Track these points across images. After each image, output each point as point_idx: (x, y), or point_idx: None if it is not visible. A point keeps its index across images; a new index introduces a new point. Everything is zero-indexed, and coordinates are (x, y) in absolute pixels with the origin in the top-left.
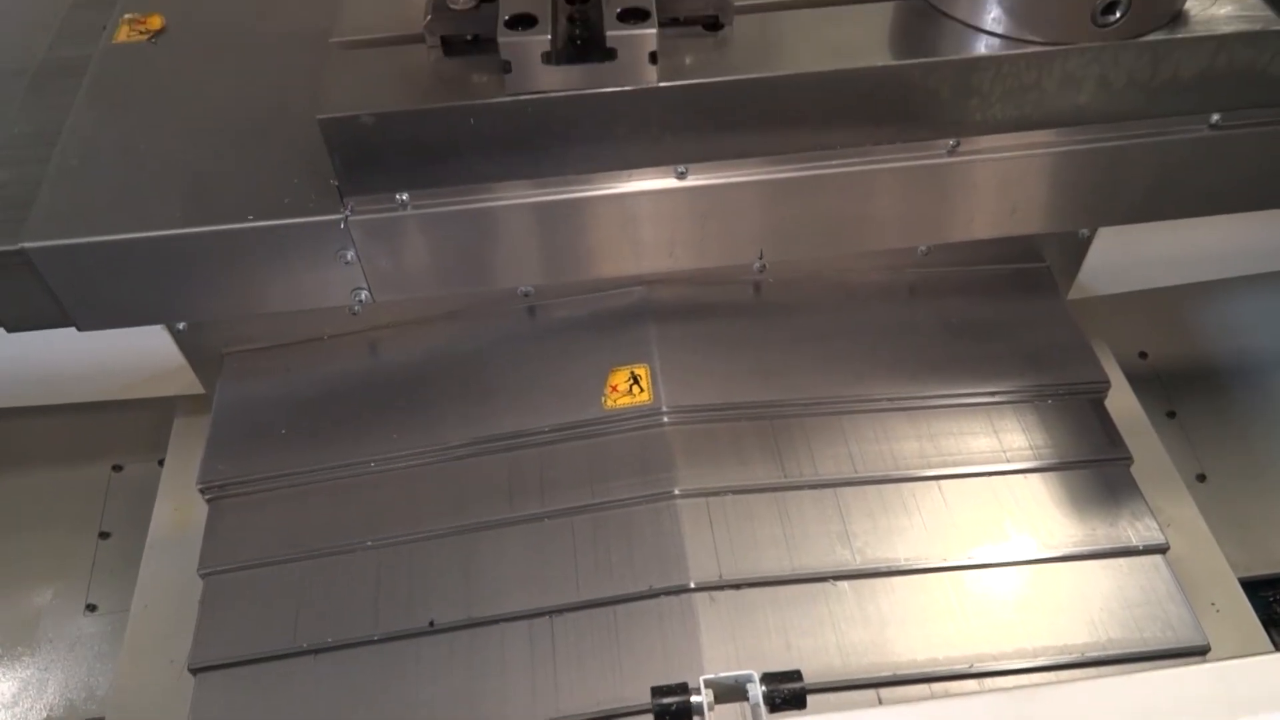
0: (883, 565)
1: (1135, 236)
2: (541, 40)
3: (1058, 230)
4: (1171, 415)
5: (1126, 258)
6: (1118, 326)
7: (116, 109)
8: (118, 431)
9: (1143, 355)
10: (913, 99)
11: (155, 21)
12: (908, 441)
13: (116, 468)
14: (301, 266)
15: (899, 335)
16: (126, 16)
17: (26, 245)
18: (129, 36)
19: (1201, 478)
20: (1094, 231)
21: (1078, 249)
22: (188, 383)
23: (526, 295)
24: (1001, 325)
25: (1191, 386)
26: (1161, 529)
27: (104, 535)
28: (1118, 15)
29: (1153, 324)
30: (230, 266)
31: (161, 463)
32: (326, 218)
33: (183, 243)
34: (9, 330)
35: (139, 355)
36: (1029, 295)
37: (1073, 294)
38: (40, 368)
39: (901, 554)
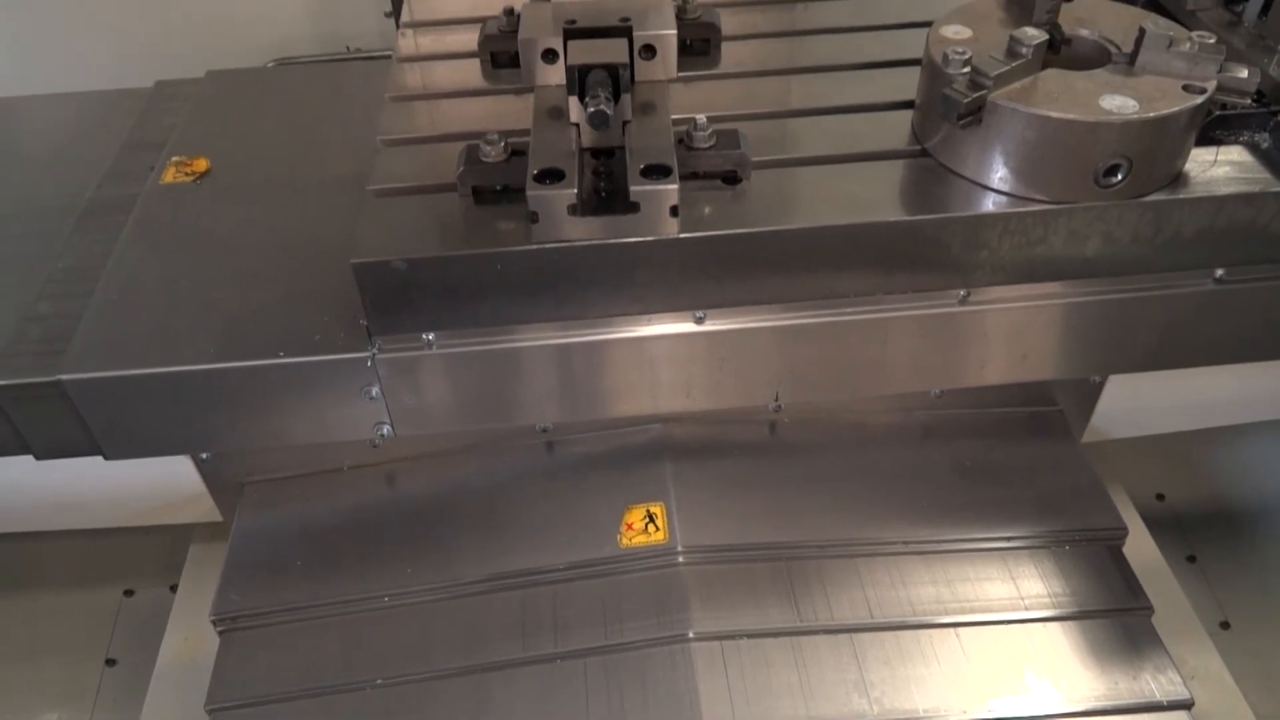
0: (901, 716)
1: (1147, 383)
2: (568, 194)
3: (1068, 377)
4: (1192, 560)
5: (1139, 403)
6: (1134, 468)
7: (158, 246)
8: (130, 556)
9: (1160, 497)
10: (924, 252)
11: (201, 164)
12: (924, 587)
13: (128, 593)
14: (327, 401)
15: (913, 477)
16: (174, 159)
17: (63, 378)
18: (175, 178)
19: (1225, 625)
20: (1105, 377)
21: (1090, 394)
22: (206, 510)
23: (544, 431)
24: (1016, 469)
25: (1211, 529)
26: (1185, 682)
27: (110, 663)
28: (1119, 177)
29: (1169, 465)
30: (259, 400)
31: (174, 589)
32: (354, 355)
33: (214, 377)
34: (38, 458)
35: (161, 483)
36: (1043, 439)
37: (1087, 437)
38: (63, 494)
39: (920, 704)
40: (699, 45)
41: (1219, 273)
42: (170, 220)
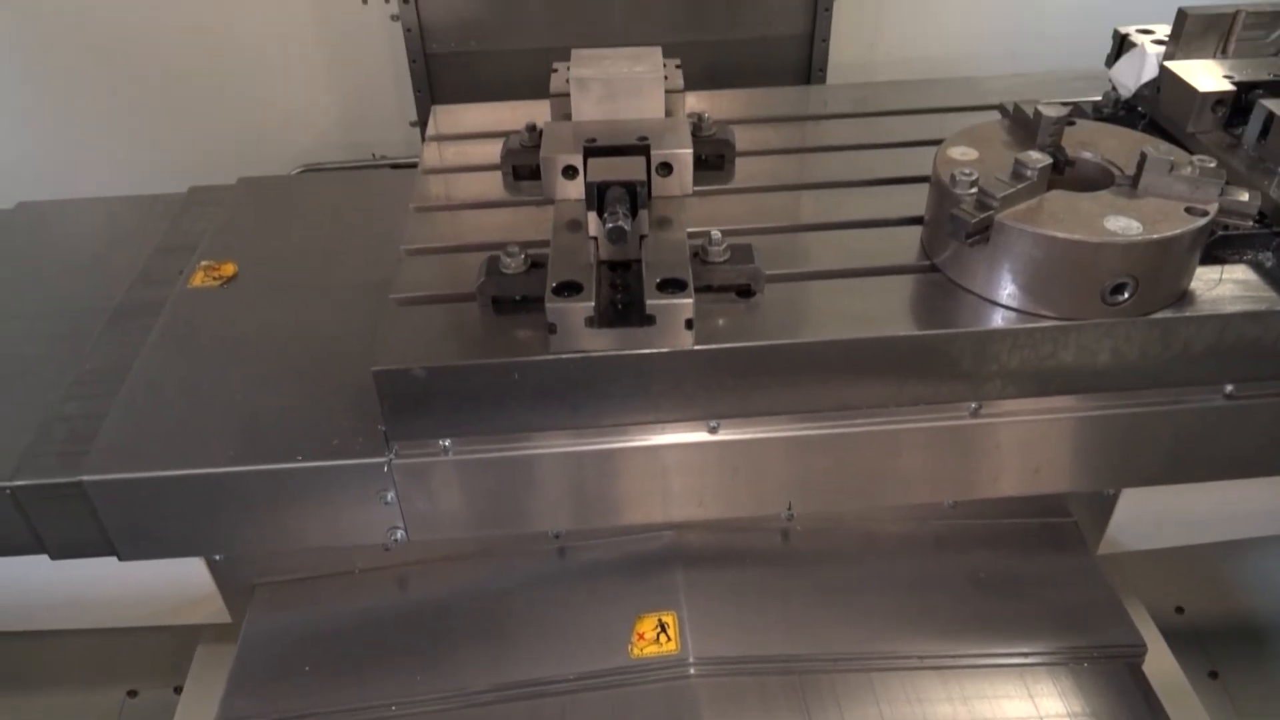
0: None
1: (1162, 496)
2: (586, 306)
3: (1081, 490)
4: (1214, 676)
5: (1154, 516)
6: (1152, 580)
7: (183, 349)
8: (135, 655)
9: (1179, 610)
10: (934, 366)
11: (229, 269)
12: (940, 704)
13: (131, 693)
14: (343, 505)
15: (927, 590)
16: (203, 263)
17: (85, 479)
18: (203, 282)
19: None
20: (1119, 490)
21: (1105, 506)
22: (216, 611)
23: (557, 537)
24: (1031, 581)
25: (1232, 644)
26: None
27: None
28: (1126, 295)
29: (1188, 577)
30: (275, 503)
31: (178, 690)
32: (371, 460)
33: (231, 480)
34: (53, 558)
35: (173, 583)
36: (1057, 550)
37: (1103, 549)
38: (73, 594)
39: None
40: (714, 160)
41: (1229, 388)
42: (196, 324)
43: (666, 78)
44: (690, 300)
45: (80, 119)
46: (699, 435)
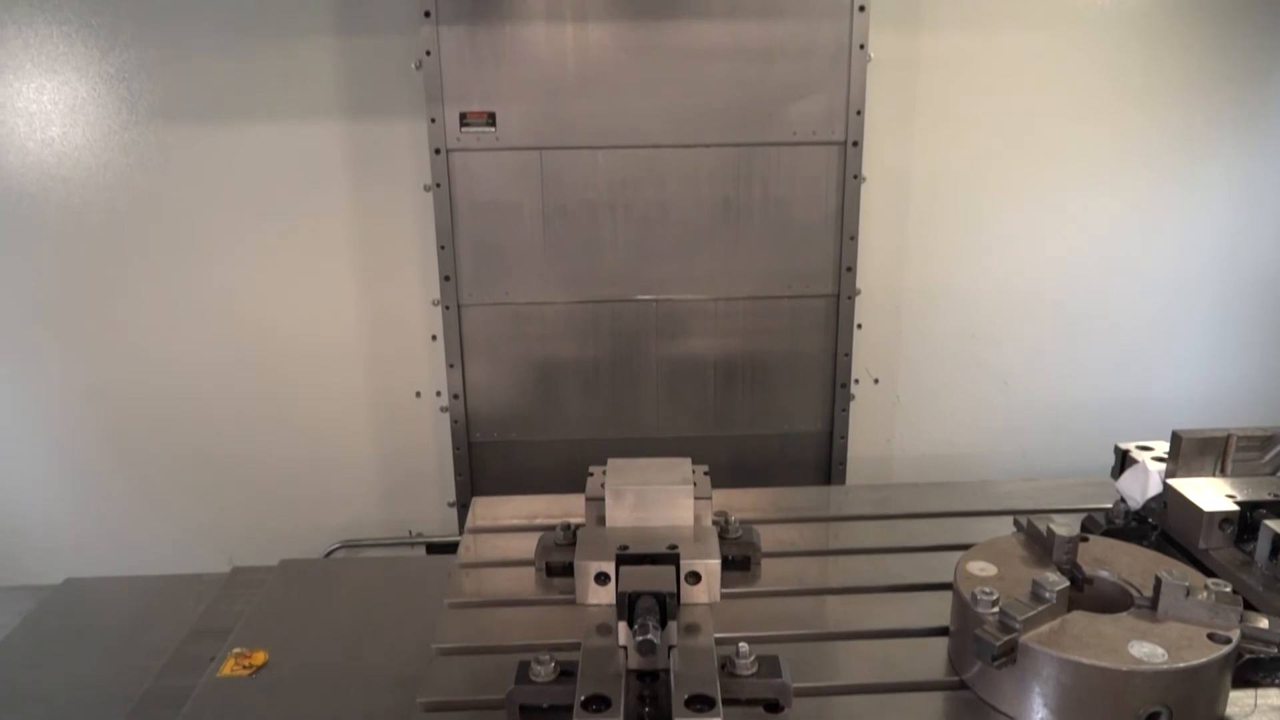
0: None
1: None
2: None
3: None
4: None
5: None
6: None
7: None
8: None
9: None
10: None
11: (259, 657)
12: None
13: None
14: None
15: None
16: (235, 650)
17: None
18: (233, 670)
19: None
20: None
21: None
22: None
23: None
24: None
25: None
26: None
27: None
28: None
29: None
30: None
31: None
32: None
33: None
34: None
35: None
36: None
37: None
38: None
39: None
40: (740, 560)
41: None
42: (221, 716)
43: (695, 483)
44: (719, 719)
45: (120, 492)
46: None
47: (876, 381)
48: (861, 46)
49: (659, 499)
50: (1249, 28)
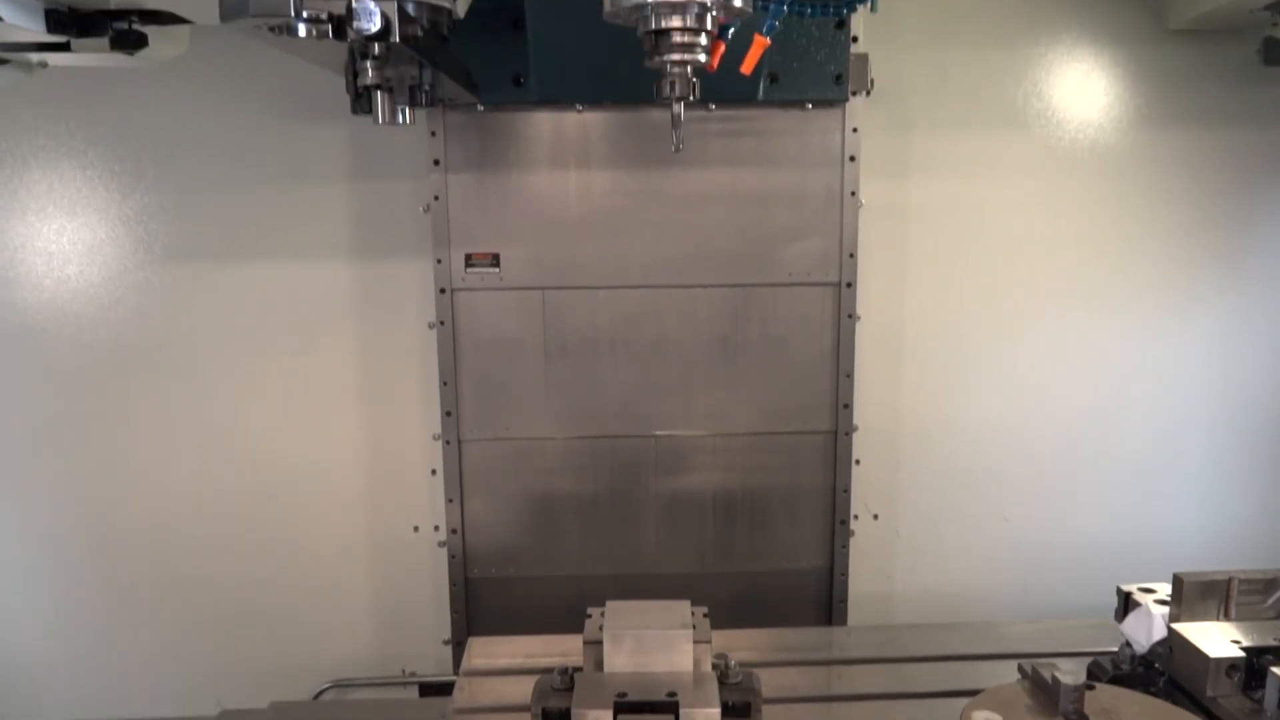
0: None
1: None
2: None
3: None
4: None
5: None
6: None
7: None
8: None
9: None
10: None
11: None
12: None
13: None
14: None
15: None
16: None
17: None
18: None
19: None
20: None
21: None
22: None
23: None
24: None
25: None
26: None
27: None
28: None
29: None
30: None
31: None
32: None
33: None
34: None
35: None
36: None
37: None
38: None
39: None
40: (740, 706)
41: None
42: None
43: (695, 626)
44: None
45: (104, 631)
46: None
47: (876, 517)
48: (853, 193)
49: (658, 644)
50: (1227, 173)
